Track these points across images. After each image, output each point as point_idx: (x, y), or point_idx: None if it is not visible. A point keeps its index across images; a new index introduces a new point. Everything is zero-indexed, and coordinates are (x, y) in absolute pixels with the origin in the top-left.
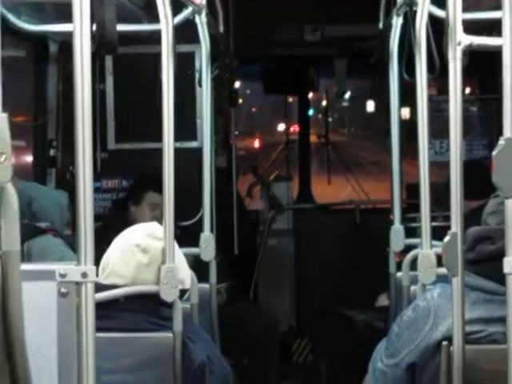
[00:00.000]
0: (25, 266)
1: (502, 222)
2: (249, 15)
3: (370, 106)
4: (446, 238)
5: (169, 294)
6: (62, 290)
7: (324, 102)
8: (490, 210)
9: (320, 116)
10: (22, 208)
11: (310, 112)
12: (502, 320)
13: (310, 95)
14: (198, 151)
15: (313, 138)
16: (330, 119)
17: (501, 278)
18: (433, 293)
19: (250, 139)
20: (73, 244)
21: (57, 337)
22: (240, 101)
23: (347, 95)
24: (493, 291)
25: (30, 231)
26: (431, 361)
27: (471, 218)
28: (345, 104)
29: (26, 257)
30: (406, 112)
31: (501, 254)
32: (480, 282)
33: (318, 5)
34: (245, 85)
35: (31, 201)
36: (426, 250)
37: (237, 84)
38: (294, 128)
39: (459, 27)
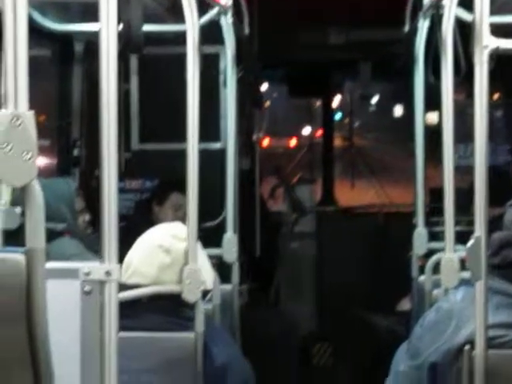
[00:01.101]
0: (49, 264)
1: None
2: (274, 17)
3: (398, 110)
4: (470, 242)
5: (191, 295)
6: (86, 288)
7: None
8: None
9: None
10: None
11: (338, 116)
12: None
13: (338, 99)
14: (222, 153)
15: (338, 142)
16: (357, 123)
17: None
18: (456, 295)
19: (275, 141)
20: (91, 243)
21: (80, 335)
22: (267, 103)
23: (375, 99)
24: None
25: (46, 234)
26: (453, 364)
27: (494, 224)
28: (372, 108)
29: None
30: (434, 116)
31: None
32: (504, 286)
33: (343, 8)
34: (272, 88)
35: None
36: (450, 254)
37: (264, 86)
38: (318, 132)
39: (486, 30)
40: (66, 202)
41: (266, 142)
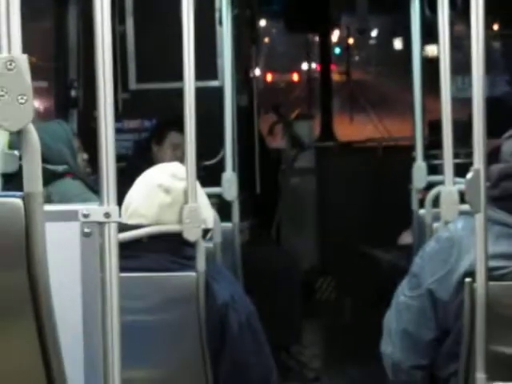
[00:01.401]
0: (47, 207)
1: None
2: None
3: (398, 43)
4: (469, 175)
5: (192, 234)
6: (85, 230)
7: (350, 40)
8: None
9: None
10: None
11: (337, 50)
12: None
13: (337, 34)
14: (219, 90)
15: (337, 77)
16: (357, 58)
17: None
18: (456, 225)
19: (276, 77)
20: (93, 183)
21: (80, 277)
22: (266, 40)
23: (375, 33)
24: None
25: (48, 176)
26: (455, 297)
27: (493, 156)
28: (372, 42)
29: (47, 202)
30: (434, 49)
31: None
32: (504, 217)
33: None
34: (272, 24)
35: (43, 145)
36: (449, 187)
37: (263, 23)
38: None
39: None
40: (65, 143)
41: (268, 77)
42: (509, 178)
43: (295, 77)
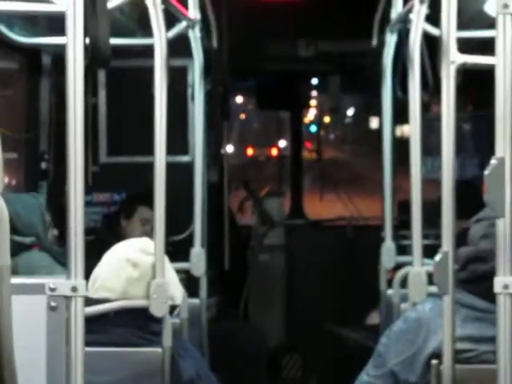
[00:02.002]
0: (14, 280)
1: (491, 244)
2: (242, 30)
3: (374, 122)
4: (438, 257)
5: (158, 309)
6: (52, 303)
7: (327, 119)
8: (481, 234)
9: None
10: None
11: (313, 128)
12: (493, 339)
13: (314, 112)
14: (190, 166)
15: (309, 155)
16: (332, 136)
17: (493, 298)
18: (425, 306)
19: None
20: (60, 256)
21: (46, 350)
22: (242, 116)
23: (351, 111)
24: (484, 309)
25: (14, 247)
26: (422, 378)
27: (462, 237)
28: (348, 121)
29: (13, 274)
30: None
31: (493, 274)
32: (472, 300)
33: (311, 20)
34: (248, 100)
35: (15, 214)
36: (417, 268)
37: (239, 99)
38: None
39: (453, 46)
40: (37, 216)
41: (240, 152)
42: (477, 261)
43: (266, 153)
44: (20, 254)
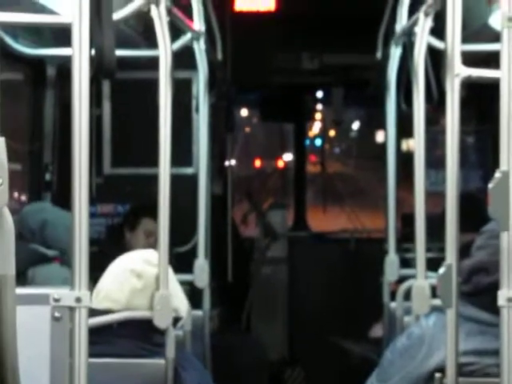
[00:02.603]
0: (19, 290)
1: (491, 256)
2: (247, 42)
3: (380, 136)
4: (441, 270)
5: (162, 321)
6: (56, 314)
7: (332, 132)
8: (478, 245)
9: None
10: (32, 231)
11: (318, 142)
12: (497, 352)
13: (319, 125)
14: (194, 177)
15: (313, 168)
16: (337, 149)
17: (497, 310)
18: (428, 321)
19: (250, 166)
20: None
21: (49, 361)
22: (247, 129)
23: (356, 125)
24: (488, 322)
25: (36, 257)
26: None
27: (466, 251)
28: (354, 134)
29: (30, 283)
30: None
31: (497, 286)
32: (475, 313)
33: (316, 33)
34: (253, 112)
35: (44, 224)
36: (421, 281)
37: (244, 112)
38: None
39: (458, 59)
40: (65, 231)
41: (243, 165)
42: (480, 273)
43: (272, 165)
44: (40, 266)
